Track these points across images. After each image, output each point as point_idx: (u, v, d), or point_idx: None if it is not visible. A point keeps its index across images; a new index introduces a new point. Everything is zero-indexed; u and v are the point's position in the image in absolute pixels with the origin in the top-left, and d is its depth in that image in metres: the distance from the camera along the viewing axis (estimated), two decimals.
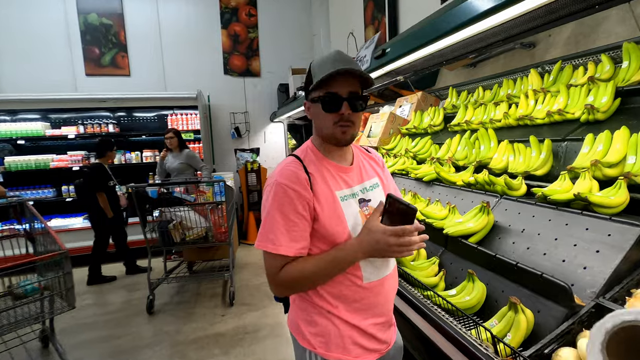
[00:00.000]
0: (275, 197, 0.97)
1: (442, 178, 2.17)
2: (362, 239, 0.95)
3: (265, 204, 1.00)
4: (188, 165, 4.28)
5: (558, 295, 1.09)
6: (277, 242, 0.95)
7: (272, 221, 0.97)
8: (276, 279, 0.97)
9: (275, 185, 0.98)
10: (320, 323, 1.03)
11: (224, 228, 3.42)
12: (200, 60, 5.80)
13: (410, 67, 1.87)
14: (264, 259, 1.00)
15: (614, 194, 1.31)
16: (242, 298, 3.48)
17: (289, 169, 1.00)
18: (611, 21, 2.77)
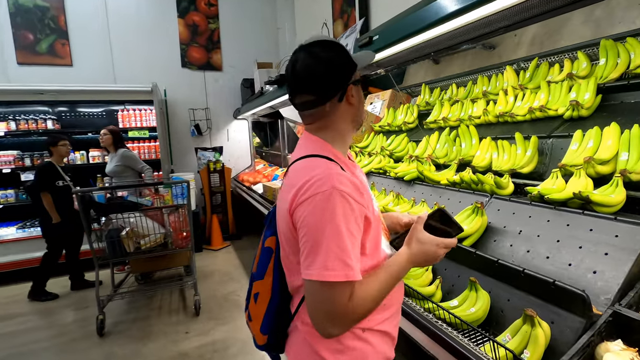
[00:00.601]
0: (339, 209, 0.78)
1: (425, 177, 2.08)
2: (414, 251, 0.89)
3: (317, 219, 0.78)
4: (125, 167, 3.88)
5: (573, 304, 1.01)
6: (354, 266, 0.78)
7: (342, 240, 0.77)
8: (349, 313, 0.79)
9: (336, 194, 0.78)
10: (356, 347, 0.89)
11: (185, 233, 3.12)
12: (154, 51, 5.33)
13: (394, 59, 1.74)
14: (328, 292, 0.77)
15: (612, 192, 1.27)
16: (208, 311, 3.19)
17: (339, 173, 0.83)
18: (574, 22, 2.86)
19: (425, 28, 1.25)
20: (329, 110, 0.92)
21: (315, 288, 0.78)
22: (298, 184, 0.83)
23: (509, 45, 3.42)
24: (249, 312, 1.02)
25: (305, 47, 0.91)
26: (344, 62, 0.90)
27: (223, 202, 5.32)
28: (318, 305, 0.80)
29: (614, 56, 1.78)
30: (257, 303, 0.99)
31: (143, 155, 4.87)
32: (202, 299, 3.39)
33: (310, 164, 0.87)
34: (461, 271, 1.41)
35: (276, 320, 0.96)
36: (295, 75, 0.90)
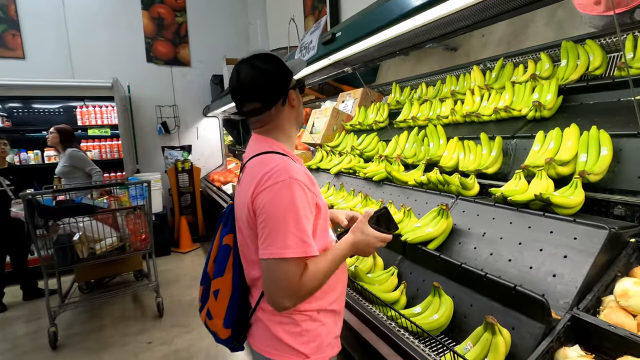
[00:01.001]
0: (296, 196, 0.89)
1: (393, 178, 2.04)
2: (357, 239, 1.03)
3: (277, 206, 0.88)
4: (74, 168, 3.62)
5: (534, 309, 0.99)
6: (311, 243, 0.90)
7: (300, 221, 0.89)
8: (302, 285, 0.89)
9: (293, 182, 0.90)
10: (311, 328, 1.00)
11: (144, 235, 2.96)
12: (117, 45, 5.04)
13: (360, 57, 1.69)
14: (285, 267, 0.87)
15: (572, 193, 1.27)
16: (173, 318, 3.04)
17: (294, 165, 0.95)
18: (539, 24, 2.92)
19: (389, 24, 1.19)
20: (274, 114, 1.03)
21: (274, 265, 0.87)
22: (258, 176, 0.92)
23: (476, 45, 3.47)
24: (209, 310, 1.06)
25: (246, 61, 1.00)
26: (281, 72, 1.02)
27: (192, 202, 5.13)
28: (275, 281, 0.88)
29: (575, 58, 1.81)
30: (218, 300, 1.04)
31: (105, 154, 4.60)
32: (166, 304, 3.23)
33: (266, 159, 0.96)
34: (426, 275, 1.38)
35: (239, 313, 1.04)
36: (241, 86, 1.01)
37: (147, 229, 2.95)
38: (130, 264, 3.19)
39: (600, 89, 1.61)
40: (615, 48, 1.72)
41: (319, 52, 1.59)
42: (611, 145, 1.31)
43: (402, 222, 1.64)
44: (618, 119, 1.43)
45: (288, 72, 1.04)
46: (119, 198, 2.95)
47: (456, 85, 2.52)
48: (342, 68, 1.96)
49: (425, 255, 1.39)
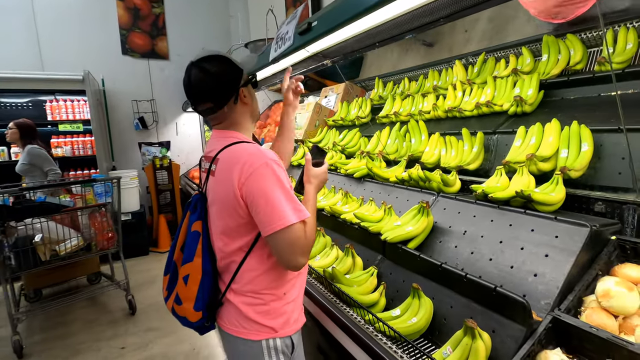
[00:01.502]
0: (279, 173, 1.01)
1: (374, 174, 1.99)
2: (316, 183, 1.19)
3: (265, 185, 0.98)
4: (32, 166, 3.39)
5: (515, 311, 0.95)
6: (302, 208, 1.01)
7: (288, 193, 1.00)
8: (308, 241, 1.02)
9: (270, 163, 1.00)
10: (278, 307, 1.08)
11: (110, 233, 2.83)
12: (90, 36, 4.81)
13: (340, 49, 1.62)
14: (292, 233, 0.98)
15: (553, 190, 1.24)
16: (148, 321, 2.92)
17: (263, 148, 1.06)
18: (520, 21, 2.92)
19: (366, 11, 1.12)
20: (227, 112, 1.11)
21: (283, 235, 0.97)
22: (238, 164, 1.00)
23: (459, 40, 3.45)
24: (177, 296, 1.10)
25: (195, 64, 1.06)
26: (230, 71, 1.08)
27: (172, 201, 4.97)
28: (289, 246, 0.98)
29: (556, 52, 1.79)
30: (188, 284, 1.08)
31: (77, 151, 4.39)
32: (142, 307, 3.11)
33: (238, 149, 1.05)
34: (406, 275, 1.33)
35: (210, 295, 1.08)
36: (192, 88, 1.07)
37: (114, 227, 2.81)
38: (87, 266, 3.03)
39: (581, 84, 1.59)
40: (595, 43, 1.71)
41: (295, 43, 1.51)
42: (592, 141, 1.29)
43: (383, 221, 1.59)
44: (599, 114, 1.41)
45: (237, 71, 1.10)
46: (84, 196, 2.80)
47: (438, 80, 2.49)
48: (322, 61, 1.89)
49: (405, 255, 1.34)
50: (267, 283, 1.08)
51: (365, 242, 1.61)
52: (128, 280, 2.99)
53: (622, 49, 1.54)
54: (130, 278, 3.75)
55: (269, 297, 1.08)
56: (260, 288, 1.07)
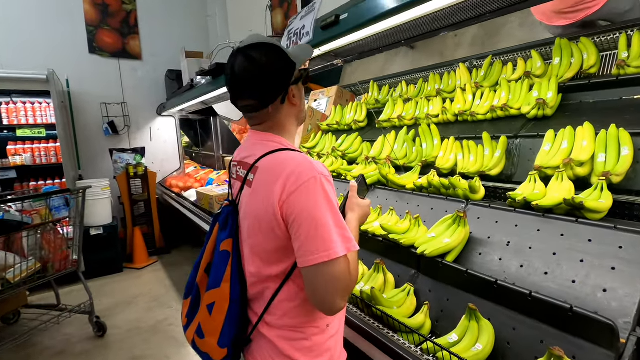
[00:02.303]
0: (328, 192, 0.85)
1: (389, 181, 1.88)
2: (360, 213, 1.05)
3: (312, 204, 0.82)
4: None
5: (598, 334, 0.86)
6: (352, 238, 0.86)
7: (338, 218, 0.84)
8: (351, 280, 0.85)
9: (323, 179, 0.85)
10: (322, 342, 0.93)
11: (66, 251, 2.54)
12: (53, 32, 4.37)
13: (357, 47, 1.50)
14: (336, 268, 0.81)
15: (599, 196, 1.18)
16: (132, 348, 2.61)
17: (312, 159, 0.90)
18: (513, 25, 2.95)
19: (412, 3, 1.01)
20: (272, 111, 0.94)
21: (326, 270, 0.81)
22: (282, 176, 0.85)
23: (449, 45, 3.46)
24: (200, 327, 0.95)
25: (242, 51, 0.89)
26: (282, 65, 0.91)
27: (147, 211, 4.61)
28: (330, 284, 0.82)
29: (568, 55, 1.78)
30: (213, 314, 0.93)
31: (39, 159, 3.95)
32: (122, 333, 2.79)
33: (286, 156, 0.89)
34: (450, 293, 1.22)
35: (238, 330, 0.93)
36: (235, 80, 0.91)
37: (74, 244, 2.51)
38: (13, 302, 2.61)
39: (602, 87, 1.57)
40: (609, 47, 1.71)
41: (315, 38, 1.37)
42: (632, 145, 1.25)
43: (411, 232, 1.47)
44: (628, 118, 1.38)
45: (290, 64, 0.93)
46: (37, 211, 2.48)
47: (440, 84, 2.44)
48: (332, 60, 1.76)
49: (446, 270, 1.23)
50: (308, 313, 0.92)
51: (391, 256, 1.49)
52: (92, 301, 2.70)
53: (637, 53, 1.54)
54: (102, 300, 3.41)
55: (310, 330, 0.92)
56: (300, 321, 0.92)
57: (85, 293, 2.74)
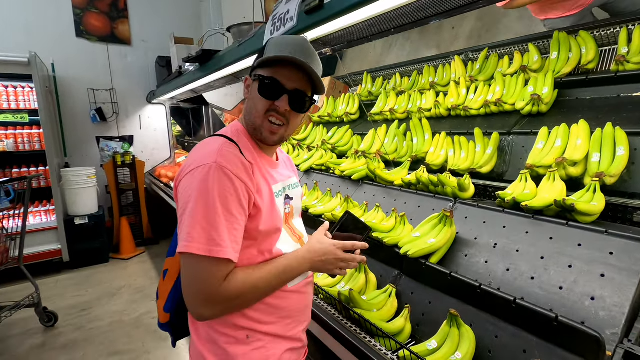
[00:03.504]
0: (216, 183, 0.76)
1: (376, 176, 1.82)
2: (312, 248, 0.88)
3: (192, 191, 0.76)
4: None
5: (584, 345, 0.81)
6: (223, 243, 0.75)
7: (213, 214, 0.75)
8: (220, 292, 0.76)
9: (215, 168, 0.77)
10: (239, 354, 0.83)
11: (4, 246, 2.45)
12: (37, 14, 4.22)
13: (345, 35, 1.42)
14: (196, 267, 0.75)
15: (591, 198, 1.12)
16: (114, 343, 2.55)
17: (228, 150, 0.81)
18: (511, 18, 2.86)
19: None
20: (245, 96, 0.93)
21: (185, 261, 0.77)
22: (189, 160, 0.82)
23: (446, 38, 3.37)
24: (157, 290, 1.00)
25: None
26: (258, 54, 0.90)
27: (135, 201, 4.52)
28: (188, 281, 0.77)
29: (566, 50, 1.71)
30: (165, 280, 0.96)
31: (22, 145, 3.83)
32: (103, 326, 2.72)
33: (206, 142, 0.86)
34: (432, 296, 1.17)
35: (180, 299, 0.87)
36: None
37: (4, 239, 2.43)
38: None
39: (599, 84, 1.51)
40: (608, 41, 1.64)
41: (299, 24, 1.29)
42: (628, 144, 1.19)
43: (396, 230, 1.41)
44: (626, 116, 1.32)
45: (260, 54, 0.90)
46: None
47: (434, 77, 2.36)
48: (320, 49, 1.67)
49: (430, 272, 1.18)
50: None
51: (375, 255, 1.43)
52: (39, 292, 2.65)
53: (638, 48, 1.47)
54: (87, 291, 3.35)
55: (222, 337, 0.84)
56: (214, 322, 0.84)
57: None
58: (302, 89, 0.86)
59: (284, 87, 0.84)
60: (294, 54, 0.83)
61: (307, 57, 0.85)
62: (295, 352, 0.93)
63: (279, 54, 0.84)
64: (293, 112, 0.87)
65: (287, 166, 1.05)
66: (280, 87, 0.84)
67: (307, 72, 0.85)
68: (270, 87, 0.84)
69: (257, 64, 0.88)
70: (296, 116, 0.90)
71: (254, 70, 0.89)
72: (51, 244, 3.75)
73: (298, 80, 0.86)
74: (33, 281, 2.64)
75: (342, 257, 0.88)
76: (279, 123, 0.87)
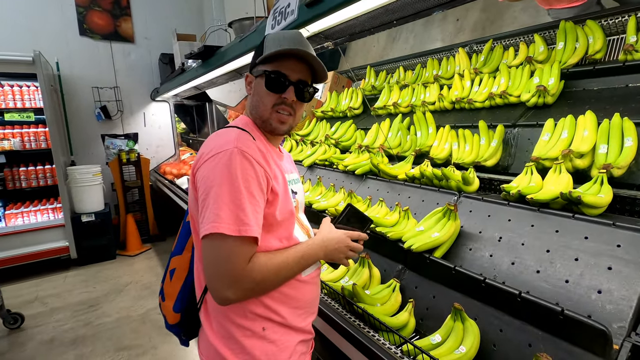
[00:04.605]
0: (239, 167, 0.77)
1: (380, 171, 1.80)
2: (326, 237, 0.91)
3: (215, 175, 0.77)
4: None
5: (590, 339, 0.80)
6: (250, 222, 0.76)
7: (239, 195, 0.75)
8: (247, 273, 0.76)
9: (237, 152, 0.78)
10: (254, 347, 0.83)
11: None
12: (41, 13, 4.23)
13: (347, 28, 1.40)
14: (223, 247, 0.75)
15: (598, 190, 1.11)
16: (121, 338, 2.59)
17: (246, 137, 0.83)
18: (516, 9, 2.81)
19: None
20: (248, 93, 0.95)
21: (210, 244, 0.76)
22: (203, 147, 0.84)
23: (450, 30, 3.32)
24: (162, 290, 0.99)
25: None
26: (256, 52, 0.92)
27: (141, 198, 4.55)
28: (213, 263, 0.76)
29: (573, 40, 1.67)
30: (173, 280, 0.96)
31: (28, 144, 3.87)
32: (110, 322, 2.76)
33: (220, 132, 0.87)
34: (436, 290, 1.16)
35: (191, 298, 0.94)
36: None
37: None
38: None
39: (608, 74, 1.48)
40: (616, 30, 1.60)
41: (300, 17, 1.28)
42: (636, 135, 1.17)
43: (400, 225, 1.41)
44: (634, 107, 1.30)
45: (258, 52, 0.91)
46: None
47: (438, 70, 2.34)
48: (322, 43, 1.65)
49: (434, 266, 1.17)
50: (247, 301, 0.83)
51: (379, 250, 1.43)
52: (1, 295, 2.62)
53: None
54: (95, 287, 3.39)
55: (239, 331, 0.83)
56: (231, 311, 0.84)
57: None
58: (305, 79, 0.91)
59: (289, 79, 0.88)
60: (295, 46, 0.86)
61: (306, 48, 0.88)
62: (305, 344, 0.94)
63: (279, 48, 0.85)
64: (298, 102, 0.91)
65: (289, 161, 1.06)
66: (286, 80, 0.87)
67: (309, 61, 0.89)
68: (276, 80, 0.87)
69: (259, 61, 0.90)
70: (301, 105, 0.94)
71: (256, 66, 0.91)
72: (58, 241, 3.80)
73: (300, 71, 0.89)
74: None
75: (352, 246, 0.92)
76: (287, 113, 0.90)
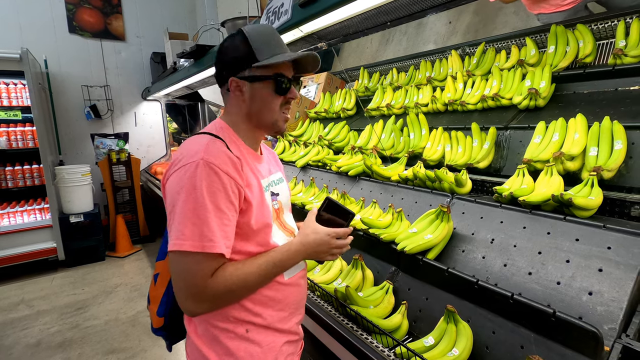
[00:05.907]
0: (204, 180, 0.76)
1: (373, 172, 1.80)
2: (306, 239, 0.88)
3: (180, 189, 0.76)
4: None
5: (582, 341, 0.80)
6: (215, 238, 0.75)
7: (203, 210, 0.75)
8: (208, 288, 0.76)
9: (202, 164, 0.77)
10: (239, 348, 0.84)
11: None
12: (28, 9, 4.15)
13: (341, 29, 1.39)
14: (186, 261, 0.75)
15: (589, 192, 1.12)
16: (110, 341, 2.54)
17: (215, 147, 0.81)
18: (507, 12, 2.84)
19: None
20: (223, 95, 0.93)
21: (175, 259, 0.76)
22: (176, 158, 0.82)
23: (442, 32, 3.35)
24: (148, 294, 1.01)
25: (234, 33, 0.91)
26: (234, 55, 0.87)
27: (131, 199, 4.48)
28: (177, 277, 0.77)
29: (564, 43, 1.69)
30: (157, 284, 0.97)
31: (15, 143, 3.78)
32: (99, 325, 2.71)
33: (191, 139, 0.85)
34: (429, 292, 1.16)
35: (174, 302, 0.92)
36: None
37: None
38: None
39: (598, 77, 1.50)
40: (606, 35, 1.63)
41: (293, 17, 1.27)
42: (625, 138, 1.18)
43: (393, 226, 1.40)
44: (623, 110, 1.31)
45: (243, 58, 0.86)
46: None
47: (431, 72, 2.35)
48: (316, 44, 1.65)
49: (427, 268, 1.17)
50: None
51: (372, 251, 1.42)
52: None
53: (635, 41, 1.46)
54: (83, 289, 3.32)
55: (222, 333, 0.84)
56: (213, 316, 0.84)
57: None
58: (297, 74, 0.93)
59: (289, 79, 0.89)
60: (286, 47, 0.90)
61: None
62: (292, 344, 0.94)
63: (278, 51, 0.87)
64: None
65: (271, 161, 1.04)
66: (288, 80, 0.89)
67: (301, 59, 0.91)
68: (284, 84, 0.88)
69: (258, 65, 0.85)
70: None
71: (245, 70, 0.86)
72: (46, 242, 3.72)
73: (290, 67, 0.91)
74: None
75: (335, 244, 0.89)
76: (289, 110, 0.93)
